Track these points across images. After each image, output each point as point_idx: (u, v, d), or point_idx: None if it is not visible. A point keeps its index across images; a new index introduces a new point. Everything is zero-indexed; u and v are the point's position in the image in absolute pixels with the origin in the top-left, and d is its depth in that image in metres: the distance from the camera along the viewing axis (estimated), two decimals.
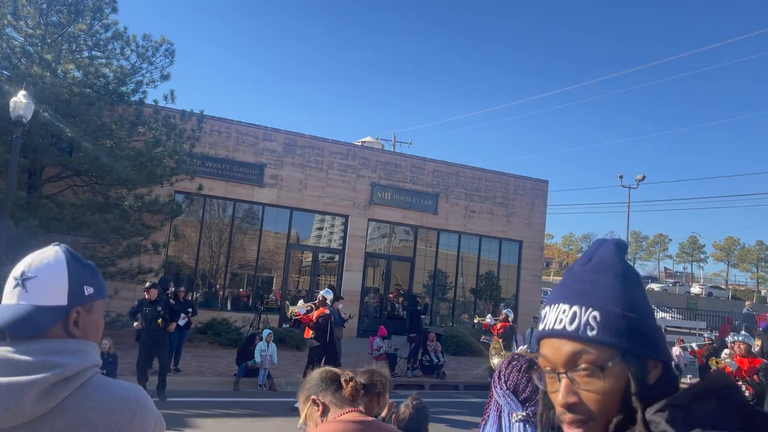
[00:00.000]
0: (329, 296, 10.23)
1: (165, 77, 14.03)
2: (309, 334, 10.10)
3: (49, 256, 1.35)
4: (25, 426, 1.16)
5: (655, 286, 47.06)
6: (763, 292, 59.12)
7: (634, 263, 37.65)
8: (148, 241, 13.39)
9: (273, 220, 17.84)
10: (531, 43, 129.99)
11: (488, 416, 2.12)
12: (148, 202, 13.25)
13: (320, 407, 2.14)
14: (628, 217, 28.51)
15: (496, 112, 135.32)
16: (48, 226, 11.86)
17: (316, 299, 10.41)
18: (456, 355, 15.98)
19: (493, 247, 20.71)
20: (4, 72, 12.51)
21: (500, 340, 7.39)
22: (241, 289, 17.79)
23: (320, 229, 19.27)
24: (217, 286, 17.35)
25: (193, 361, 12.53)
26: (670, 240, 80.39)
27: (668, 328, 18.01)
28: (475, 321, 10.72)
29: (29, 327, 1.25)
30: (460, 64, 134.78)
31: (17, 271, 1.33)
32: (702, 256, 78.18)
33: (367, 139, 24.52)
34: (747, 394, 6.89)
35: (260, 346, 11.10)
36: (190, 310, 12.02)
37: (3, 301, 1.31)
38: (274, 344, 11.33)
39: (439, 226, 19.66)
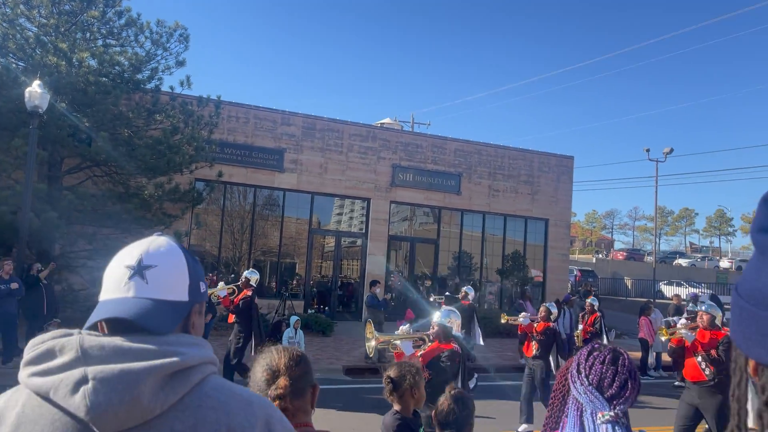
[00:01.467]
0: (253, 277, 9.59)
1: (180, 63, 13.82)
2: (232, 319, 9.42)
3: (162, 244, 1.20)
4: (142, 429, 1.00)
5: (682, 262, 46.21)
6: None
7: (659, 238, 37.00)
8: (170, 230, 13.25)
9: (294, 206, 17.64)
10: (551, 15, 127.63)
11: (567, 417, 1.82)
12: (168, 190, 13.10)
13: None
14: (656, 191, 27.88)
15: (517, 88, 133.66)
16: (69, 218, 11.76)
17: (239, 281, 9.76)
18: (485, 337, 15.68)
19: (519, 226, 20.32)
20: (20, 63, 12.37)
21: (370, 323, 5.99)
22: (264, 277, 17.66)
23: (342, 213, 19.04)
24: (241, 274, 17.23)
25: (220, 350, 12.40)
26: (697, 214, 78.94)
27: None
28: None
29: (159, 324, 1.09)
30: (478, 41, 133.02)
31: (130, 259, 1.16)
32: (730, 229, 76.79)
33: (386, 120, 24.16)
34: (707, 372, 6.15)
35: (288, 332, 10.93)
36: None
37: (118, 293, 1.13)
38: (301, 331, 11.16)
39: (463, 207, 19.30)
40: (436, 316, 5.42)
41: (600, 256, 49.08)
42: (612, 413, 1.69)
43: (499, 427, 7.80)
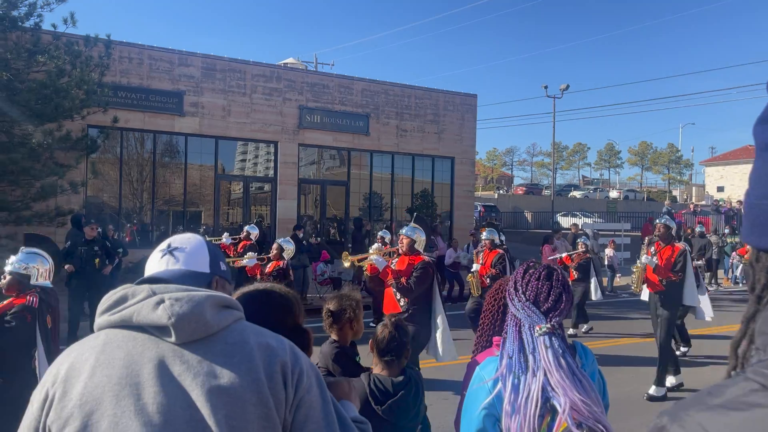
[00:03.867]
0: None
1: None
2: None
3: (187, 234, 1.62)
4: (203, 342, 1.30)
5: (576, 194, 48.96)
6: (674, 193, 62.86)
7: (555, 173, 38.89)
8: (64, 181, 12.40)
9: (197, 151, 16.95)
10: None
11: (506, 333, 1.90)
12: (58, 138, 12.14)
13: None
14: (554, 127, 29.07)
15: (419, 27, 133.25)
16: None
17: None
18: None
19: (426, 165, 20.64)
20: None
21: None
22: (168, 226, 17.04)
23: (249, 157, 18.53)
24: (145, 224, 16.54)
25: None
26: (589, 148, 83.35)
27: (600, 232, 18.78)
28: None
29: (187, 284, 1.42)
30: None
31: (162, 246, 1.57)
32: (618, 162, 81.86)
33: (290, 60, 23.45)
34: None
35: None
36: (120, 250, 11.39)
37: (155, 269, 1.53)
38: None
39: (372, 148, 19.31)
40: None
41: (501, 192, 51.07)
42: (548, 325, 1.78)
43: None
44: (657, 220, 7.77)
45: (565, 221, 30.42)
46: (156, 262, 1.54)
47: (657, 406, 6.49)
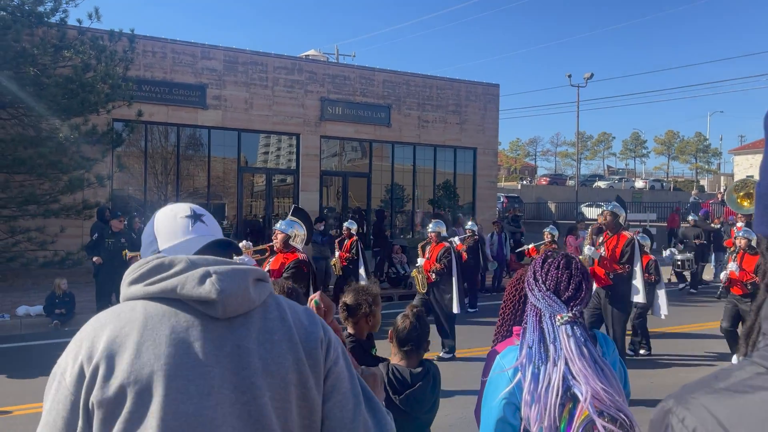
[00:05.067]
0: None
1: None
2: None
3: (191, 204, 1.56)
4: (245, 318, 1.28)
5: (602, 184, 48.37)
6: (702, 182, 61.75)
7: (580, 163, 38.47)
8: (91, 174, 12.60)
9: (220, 144, 17.09)
10: None
11: (526, 324, 1.88)
12: (85, 132, 12.33)
13: None
14: (578, 116, 28.72)
15: (440, 17, 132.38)
16: None
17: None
18: None
19: (448, 156, 20.55)
20: None
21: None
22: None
23: (271, 150, 18.63)
24: None
25: None
26: (614, 138, 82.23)
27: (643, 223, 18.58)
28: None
29: (223, 253, 1.44)
30: None
31: (184, 212, 1.50)
32: (644, 151, 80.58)
33: (311, 52, 23.48)
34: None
35: None
36: None
37: (186, 235, 1.45)
38: None
39: (393, 139, 19.28)
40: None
41: (525, 182, 50.66)
42: (570, 314, 1.76)
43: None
44: (604, 207, 7.32)
45: (589, 212, 30.09)
46: (185, 228, 1.46)
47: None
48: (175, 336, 1.22)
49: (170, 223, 1.47)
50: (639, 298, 6.94)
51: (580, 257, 7.20)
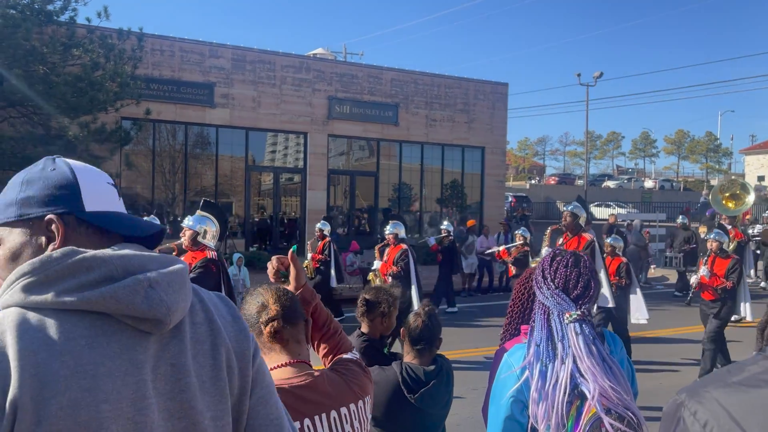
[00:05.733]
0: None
1: None
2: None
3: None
4: (175, 327, 1.03)
5: (610, 184, 48.22)
6: (712, 182, 61.41)
7: (588, 163, 38.35)
8: None
9: (228, 142, 17.14)
10: None
11: (533, 322, 1.86)
12: (93, 130, 12.39)
13: None
14: (587, 116, 28.63)
15: (448, 15, 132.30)
16: None
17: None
18: (427, 264, 16.06)
19: (456, 155, 20.52)
20: None
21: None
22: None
23: (279, 149, 18.67)
24: (177, 215, 16.81)
25: None
26: (623, 137, 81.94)
27: (645, 222, 18.48)
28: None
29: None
30: None
31: (107, 177, 1.16)
32: (654, 150, 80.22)
33: (318, 51, 23.48)
34: None
35: (231, 270, 10.82)
36: None
37: (115, 207, 1.12)
38: (245, 268, 11.10)
39: (401, 138, 19.27)
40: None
41: (533, 182, 50.57)
42: (578, 312, 1.75)
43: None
44: (565, 207, 6.97)
45: (598, 212, 29.98)
46: (111, 196, 1.13)
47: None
48: (110, 364, 0.94)
49: (96, 180, 1.13)
50: (604, 302, 6.50)
51: (537, 259, 7.02)
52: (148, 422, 0.95)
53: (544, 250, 6.85)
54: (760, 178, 46.44)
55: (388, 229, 8.27)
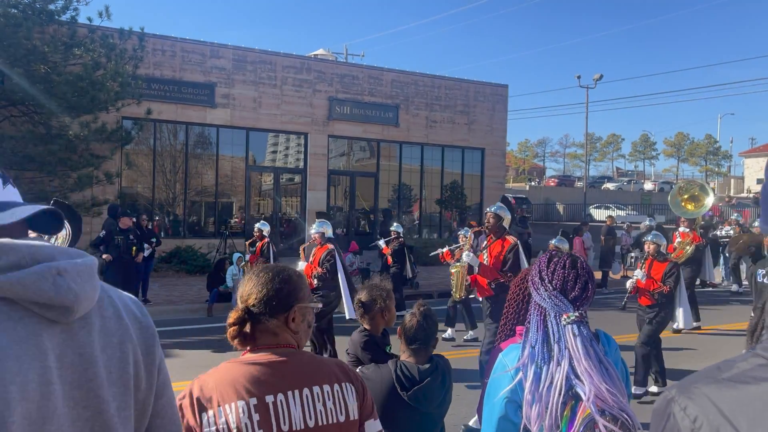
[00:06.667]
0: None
1: None
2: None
3: None
4: (84, 318, 1.05)
5: (610, 186, 48.18)
6: (712, 185, 61.38)
7: (588, 165, 38.35)
8: (100, 172, 12.69)
9: (229, 143, 17.14)
10: None
11: (529, 323, 1.88)
12: (94, 130, 12.43)
13: None
14: (587, 118, 28.63)
15: (448, 17, 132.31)
16: None
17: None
18: (426, 265, 16.11)
19: (456, 156, 20.54)
20: None
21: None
22: (200, 217, 17.31)
23: (279, 149, 18.68)
24: (177, 215, 16.82)
25: (162, 291, 12.25)
26: (623, 139, 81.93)
27: (633, 224, 18.43)
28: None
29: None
30: None
31: None
32: (653, 153, 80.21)
33: (320, 52, 23.49)
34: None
35: (231, 270, 10.85)
36: (154, 240, 11.62)
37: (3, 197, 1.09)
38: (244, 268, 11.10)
39: (401, 139, 19.28)
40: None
41: (533, 183, 50.56)
42: (576, 314, 1.76)
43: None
44: (488, 209, 6.66)
45: (598, 213, 29.99)
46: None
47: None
48: (17, 348, 0.94)
49: None
50: None
51: (457, 264, 6.75)
52: (51, 408, 0.96)
53: (464, 255, 6.47)
54: (760, 181, 46.44)
55: (314, 228, 7.73)
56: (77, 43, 12.58)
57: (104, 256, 9.26)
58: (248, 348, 1.73)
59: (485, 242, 6.49)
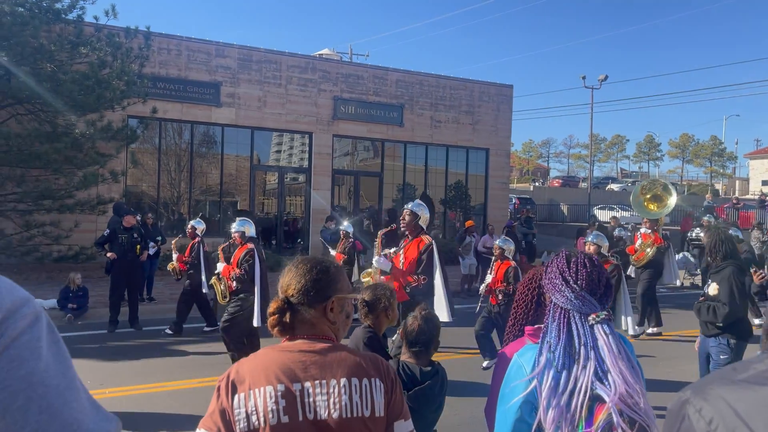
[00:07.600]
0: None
1: None
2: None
3: None
4: None
5: (614, 187, 48.05)
6: (716, 186, 61.21)
7: (593, 165, 38.27)
8: (105, 170, 12.71)
9: (234, 142, 17.17)
10: None
11: (548, 326, 1.82)
12: (100, 128, 12.44)
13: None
14: (592, 119, 28.55)
15: (454, 17, 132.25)
16: None
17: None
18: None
19: (460, 156, 20.52)
20: None
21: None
22: (205, 215, 17.32)
23: (284, 148, 18.70)
24: (182, 213, 16.85)
25: (166, 289, 12.26)
26: (628, 140, 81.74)
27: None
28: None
29: None
30: None
31: None
32: (658, 154, 79.99)
33: (325, 51, 23.52)
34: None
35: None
36: (159, 238, 11.64)
37: None
38: None
39: (406, 139, 19.28)
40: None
41: (537, 184, 50.48)
42: (605, 312, 1.73)
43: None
44: (405, 205, 6.31)
45: (602, 214, 29.91)
46: None
47: None
48: None
49: None
50: (442, 316, 5.63)
51: (369, 270, 6.47)
52: None
53: (375, 260, 6.05)
54: (765, 183, 46.30)
55: (234, 227, 7.18)
56: (83, 42, 12.60)
57: (108, 254, 9.27)
58: (287, 336, 1.77)
59: (402, 242, 6.16)
